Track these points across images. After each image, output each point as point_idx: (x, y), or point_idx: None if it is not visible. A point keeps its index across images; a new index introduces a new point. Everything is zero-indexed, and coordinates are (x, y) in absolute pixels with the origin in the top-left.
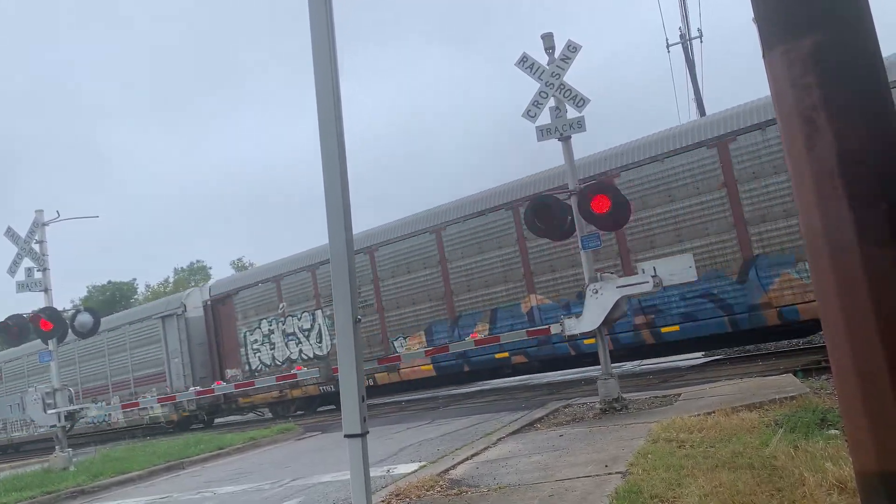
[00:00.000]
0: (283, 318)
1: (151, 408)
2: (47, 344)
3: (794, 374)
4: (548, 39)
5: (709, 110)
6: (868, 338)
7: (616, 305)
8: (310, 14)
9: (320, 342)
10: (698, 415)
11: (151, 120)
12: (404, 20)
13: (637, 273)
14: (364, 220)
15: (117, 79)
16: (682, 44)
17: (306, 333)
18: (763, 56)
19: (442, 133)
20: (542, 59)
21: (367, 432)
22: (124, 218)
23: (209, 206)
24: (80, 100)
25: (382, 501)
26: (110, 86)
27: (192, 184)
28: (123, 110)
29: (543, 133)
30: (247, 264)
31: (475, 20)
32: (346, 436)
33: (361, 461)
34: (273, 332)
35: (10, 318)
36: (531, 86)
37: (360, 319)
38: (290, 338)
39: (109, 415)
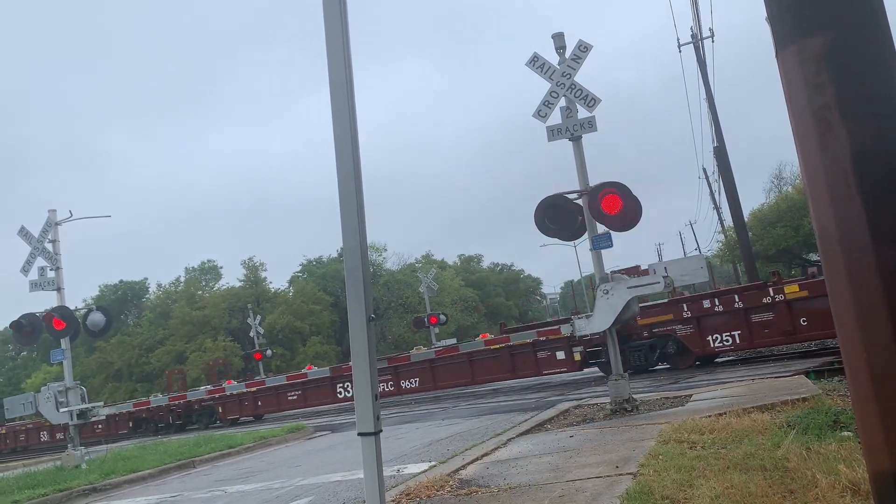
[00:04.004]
0: None
1: None
2: (60, 343)
3: (807, 376)
4: (558, 39)
5: (720, 110)
6: (882, 338)
7: (627, 306)
8: (325, 20)
9: None
10: (709, 416)
11: (150, 122)
12: (387, 31)
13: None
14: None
15: (114, 80)
16: (694, 43)
17: None
18: (776, 55)
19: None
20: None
21: (381, 430)
22: (130, 219)
23: (213, 208)
24: (76, 101)
25: (393, 501)
26: (107, 87)
27: (196, 185)
28: (121, 112)
29: (554, 133)
30: (257, 263)
31: (470, 24)
32: (359, 434)
33: (375, 459)
34: None
35: (23, 316)
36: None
37: (373, 318)
38: None
39: None
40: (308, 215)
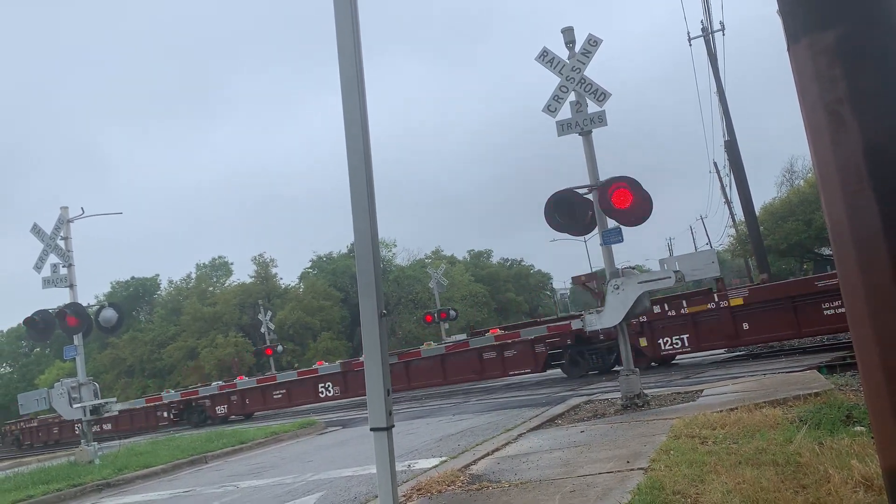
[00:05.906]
0: None
1: None
2: (73, 339)
3: (819, 371)
4: (568, 34)
5: (731, 104)
6: (894, 333)
7: (638, 301)
8: (336, 16)
9: None
10: (721, 411)
11: (157, 121)
12: (385, 32)
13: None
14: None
15: (121, 79)
16: (704, 37)
17: None
18: (787, 49)
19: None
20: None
21: (393, 426)
22: (141, 216)
23: (223, 205)
24: (84, 101)
25: (404, 496)
26: (114, 87)
27: (205, 183)
28: (128, 111)
29: (564, 128)
30: (268, 260)
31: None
32: (371, 429)
33: (388, 454)
34: None
35: (36, 313)
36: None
37: (385, 313)
38: None
39: None
40: (318, 212)
